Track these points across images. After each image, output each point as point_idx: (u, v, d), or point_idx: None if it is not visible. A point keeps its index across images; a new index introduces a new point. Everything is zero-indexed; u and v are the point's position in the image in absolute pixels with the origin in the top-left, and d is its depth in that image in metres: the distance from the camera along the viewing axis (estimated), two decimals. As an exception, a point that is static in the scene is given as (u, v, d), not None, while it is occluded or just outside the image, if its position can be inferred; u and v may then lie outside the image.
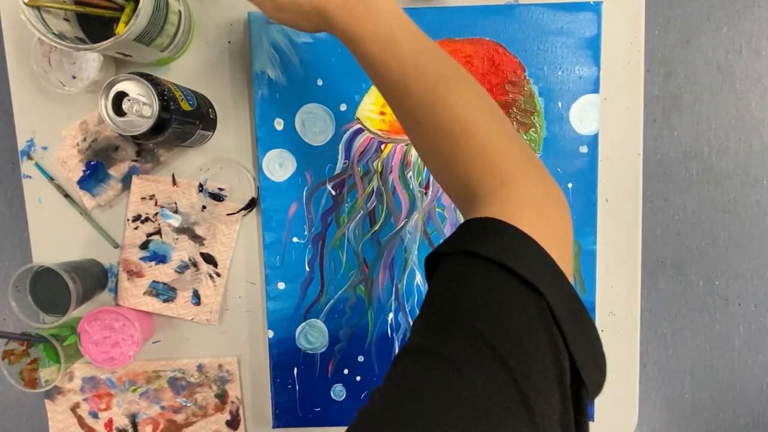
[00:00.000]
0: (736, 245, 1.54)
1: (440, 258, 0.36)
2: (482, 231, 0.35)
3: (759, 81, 1.50)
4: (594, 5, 0.65)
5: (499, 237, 0.34)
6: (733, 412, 1.59)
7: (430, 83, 0.41)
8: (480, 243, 0.34)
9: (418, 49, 0.43)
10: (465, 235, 0.36)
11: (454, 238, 0.37)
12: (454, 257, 0.35)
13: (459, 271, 0.34)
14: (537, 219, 0.35)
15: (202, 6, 0.66)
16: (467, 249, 0.34)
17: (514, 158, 0.39)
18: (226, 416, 0.70)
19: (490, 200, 0.37)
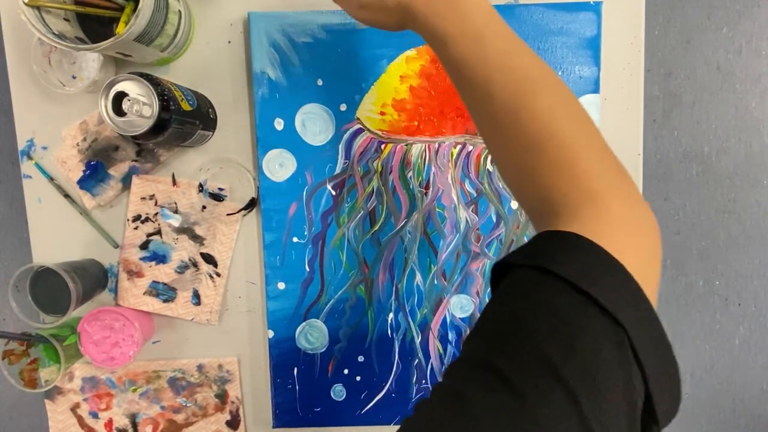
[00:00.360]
0: (736, 245, 1.54)
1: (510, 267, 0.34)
2: (563, 247, 0.32)
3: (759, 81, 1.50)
4: (594, 5, 0.65)
5: (581, 256, 0.31)
6: (733, 412, 1.59)
7: (517, 87, 0.39)
8: (558, 261, 0.31)
9: (506, 50, 0.40)
10: (543, 248, 0.33)
11: (529, 249, 0.34)
12: (528, 272, 0.32)
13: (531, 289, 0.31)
14: (625, 242, 0.32)
15: (202, 6, 0.66)
16: (543, 265, 0.31)
17: (605, 174, 0.36)
18: (226, 416, 0.70)
19: (573, 217, 0.34)
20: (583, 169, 0.36)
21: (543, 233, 0.34)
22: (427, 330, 0.69)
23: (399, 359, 0.69)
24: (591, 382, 0.27)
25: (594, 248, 0.31)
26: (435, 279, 0.68)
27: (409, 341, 0.69)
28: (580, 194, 0.35)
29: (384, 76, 0.66)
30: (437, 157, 0.67)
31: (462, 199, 0.67)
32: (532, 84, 0.39)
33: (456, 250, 0.68)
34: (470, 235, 0.68)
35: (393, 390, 0.69)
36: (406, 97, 0.66)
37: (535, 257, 0.33)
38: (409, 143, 0.67)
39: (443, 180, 0.67)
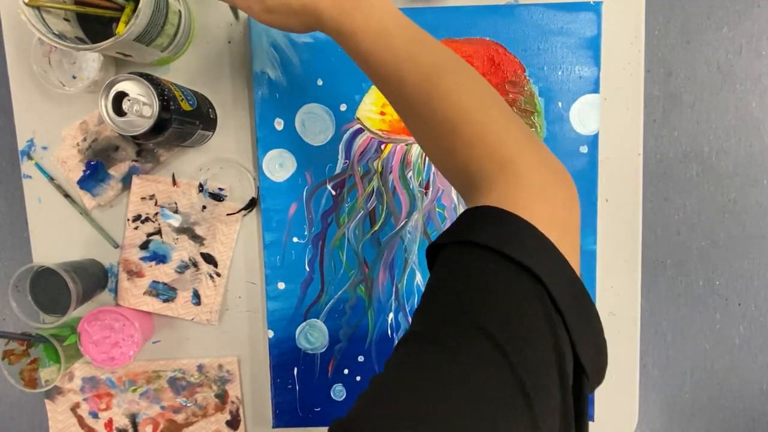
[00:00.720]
0: (736, 245, 1.54)
1: (440, 249, 0.36)
2: (480, 220, 0.35)
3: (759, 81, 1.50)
4: (594, 5, 0.65)
5: (497, 225, 0.34)
6: (733, 412, 1.59)
7: (424, 72, 0.41)
8: (477, 232, 0.34)
9: (410, 39, 0.43)
10: (463, 225, 0.36)
11: (453, 228, 0.36)
12: (453, 247, 0.35)
13: (456, 260, 0.34)
14: (538, 204, 0.35)
15: (202, 6, 0.66)
16: (465, 239, 0.34)
17: (514, 142, 0.38)
18: (226, 416, 0.70)
19: (489, 187, 0.36)
20: (493, 141, 0.38)
21: (463, 213, 0.37)
22: (427, 330, 0.69)
23: (399, 359, 0.69)
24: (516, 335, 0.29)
25: (508, 216, 0.34)
26: (435, 279, 0.68)
27: (409, 341, 0.69)
28: (493, 165, 0.37)
29: (384, 76, 0.66)
30: (437, 157, 0.67)
31: (462, 199, 0.67)
32: (438, 68, 0.41)
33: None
34: (470, 235, 0.68)
35: (393, 390, 0.69)
36: (406, 97, 0.66)
37: (457, 234, 0.35)
38: (409, 143, 0.67)
39: (443, 180, 0.67)
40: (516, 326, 0.30)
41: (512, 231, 0.33)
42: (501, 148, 0.38)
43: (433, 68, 0.41)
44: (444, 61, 0.42)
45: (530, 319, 0.30)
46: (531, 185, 0.36)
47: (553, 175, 0.38)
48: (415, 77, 0.41)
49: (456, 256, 0.34)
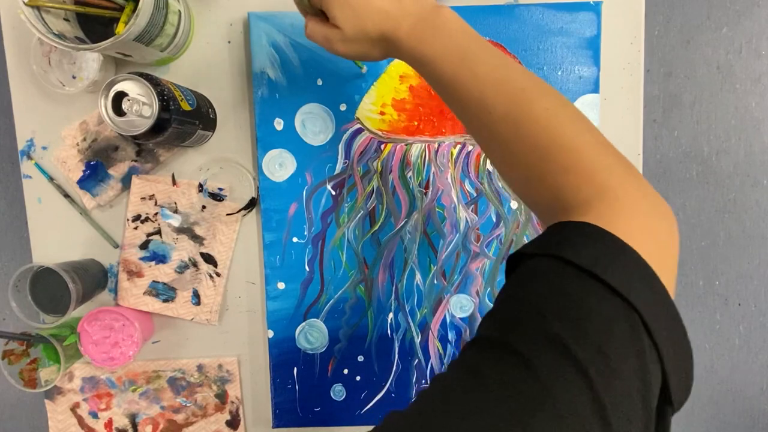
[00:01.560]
0: (736, 245, 1.54)
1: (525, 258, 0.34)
2: (576, 236, 0.32)
3: (759, 81, 1.50)
4: (594, 5, 0.65)
5: (592, 243, 0.31)
6: (733, 412, 1.59)
7: (512, 98, 0.39)
8: (572, 249, 0.31)
9: (494, 65, 0.41)
10: (555, 238, 0.33)
11: (542, 239, 0.34)
12: (542, 260, 0.32)
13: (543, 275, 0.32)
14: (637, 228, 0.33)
15: (202, 6, 0.66)
16: (557, 254, 0.31)
17: (612, 169, 0.36)
18: (226, 416, 0.70)
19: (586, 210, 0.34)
20: (590, 167, 0.36)
21: (555, 224, 0.35)
22: (426, 330, 0.69)
23: (399, 359, 0.69)
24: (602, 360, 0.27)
25: (605, 235, 0.31)
26: (435, 279, 0.68)
27: (409, 341, 0.69)
28: (590, 190, 0.35)
29: (384, 75, 0.66)
30: (437, 157, 0.67)
31: (462, 199, 0.67)
32: (525, 93, 0.39)
33: (456, 249, 0.68)
34: (470, 234, 0.68)
35: (393, 390, 0.69)
36: (405, 96, 0.66)
37: (547, 247, 0.33)
38: (409, 143, 0.67)
39: (443, 180, 0.67)
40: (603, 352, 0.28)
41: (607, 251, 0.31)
42: (599, 174, 0.35)
43: (520, 94, 0.39)
44: (531, 86, 0.40)
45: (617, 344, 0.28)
46: (633, 211, 0.34)
47: (655, 204, 0.36)
48: (502, 103, 0.40)
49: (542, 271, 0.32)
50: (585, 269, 0.30)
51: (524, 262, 0.34)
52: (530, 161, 0.38)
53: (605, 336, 0.28)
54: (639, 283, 0.30)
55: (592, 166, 0.36)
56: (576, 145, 0.37)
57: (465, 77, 0.41)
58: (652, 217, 0.34)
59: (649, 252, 0.31)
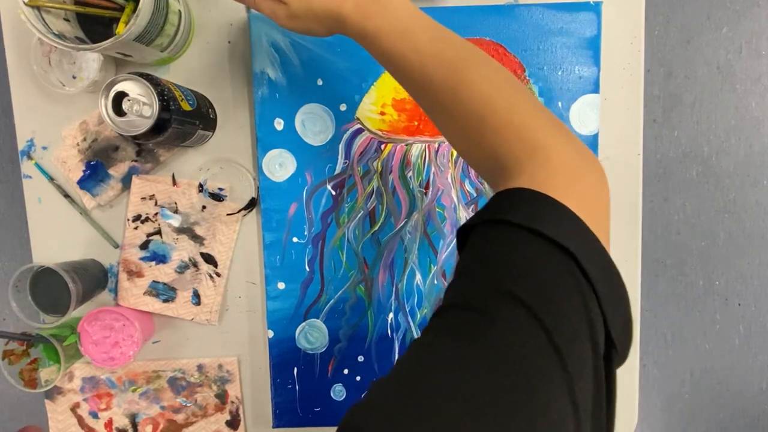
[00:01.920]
0: (736, 245, 1.54)
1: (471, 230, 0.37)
2: (512, 201, 0.35)
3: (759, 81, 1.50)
4: (594, 5, 0.65)
5: (529, 205, 0.34)
6: (733, 412, 1.59)
7: (450, 66, 0.42)
8: (510, 212, 0.34)
9: (433, 36, 0.44)
10: (495, 206, 0.36)
11: (485, 209, 0.37)
12: (485, 227, 0.35)
13: (488, 238, 0.35)
14: (568, 186, 0.35)
15: (202, 6, 0.66)
16: (497, 218, 0.34)
17: (542, 127, 0.39)
18: (226, 416, 0.70)
19: (519, 171, 0.37)
20: (521, 126, 0.39)
21: (495, 195, 0.37)
22: (427, 330, 0.69)
23: (399, 359, 0.69)
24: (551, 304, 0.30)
25: (540, 196, 0.34)
26: (435, 279, 0.68)
27: (409, 341, 0.69)
28: (522, 149, 0.38)
29: (384, 75, 0.66)
30: (437, 157, 0.67)
31: (462, 199, 0.67)
32: (463, 62, 0.42)
33: (456, 250, 0.68)
34: (470, 235, 0.68)
35: (393, 390, 0.69)
36: (406, 96, 0.66)
37: (489, 214, 0.36)
38: (409, 143, 0.67)
39: (443, 180, 0.67)
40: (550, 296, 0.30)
41: (544, 210, 0.34)
42: (529, 133, 0.38)
43: (457, 63, 0.42)
44: (467, 54, 0.43)
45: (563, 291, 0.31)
46: (562, 167, 0.37)
47: (583, 158, 0.38)
48: (440, 72, 0.42)
49: (488, 234, 0.35)
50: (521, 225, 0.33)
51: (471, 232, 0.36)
52: (468, 125, 0.41)
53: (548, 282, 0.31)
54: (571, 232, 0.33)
55: (523, 125, 0.39)
56: (507, 106, 0.40)
57: (406, 50, 0.44)
58: (580, 171, 0.37)
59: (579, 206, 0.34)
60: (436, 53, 0.43)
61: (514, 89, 0.41)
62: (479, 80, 0.41)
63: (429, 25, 0.45)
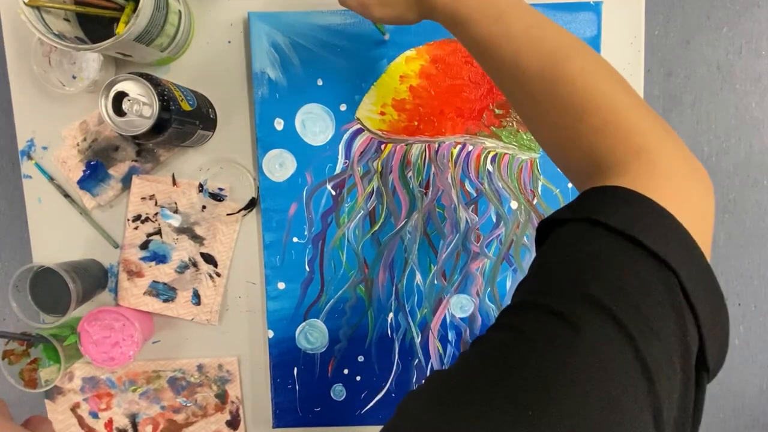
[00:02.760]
0: (736, 245, 1.54)
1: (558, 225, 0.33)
2: (610, 200, 0.32)
3: (759, 81, 1.50)
4: (594, 5, 0.65)
5: (630, 207, 0.31)
6: (733, 412, 1.59)
7: (547, 57, 0.39)
8: (607, 212, 0.31)
9: (529, 24, 0.41)
10: (590, 202, 0.33)
11: (575, 204, 0.34)
12: (574, 225, 0.32)
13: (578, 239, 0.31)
14: (674, 193, 0.32)
15: (202, 6, 0.66)
16: (592, 217, 0.31)
17: (650, 129, 0.35)
18: (226, 416, 0.70)
19: (621, 173, 0.33)
20: (626, 127, 0.35)
21: (588, 190, 0.34)
22: (426, 330, 0.69)
23: (399, 359, 0.69)
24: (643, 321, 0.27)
25: (641, 199, 0.31)
26: (435, 279, 0.68)
27: (409, 341, 0.69)
28: (626, 151, 0.34)
29: (384, 76, 0.66)
30: (437, 157, 0.67)
31: (462, 199, 0.67)
32: (561, 52, 0.39)
33: (456, 250, 0.68)
34: (470, 235, 0.68)
35: (393, 390, 0.69)
36: (405, 97, 0.66)
37: (580, 211, 0.32)
38: (409, 143, 0.67)
39: (443, 180, 0.67)
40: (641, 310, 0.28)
41: (646, 215, 0.31)
42: (636, 135, 0.35)
43: (556, 53, 0.39)
44: (567, 45, 0.40)
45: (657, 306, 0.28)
46: (669, 174, 0.33)
47: (692, 167, 0.35)
48: (536, 63, 0.39)
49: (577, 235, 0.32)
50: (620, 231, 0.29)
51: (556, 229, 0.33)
52: (565, 121, 0.38)
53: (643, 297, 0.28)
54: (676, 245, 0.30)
55: (629, 126, 0.35)
56: (612, 104, 0.36)
57: (499, 36, 0.41)
58: (689, 180, 0.34)
59: (685, 216, 0.31)
60: (532, 42, 0.40)
61: (619, 85, 0.38)
62: (581, 74, 0.38)
63: (524, 11, 0.42)
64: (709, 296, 0.30)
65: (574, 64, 0.38)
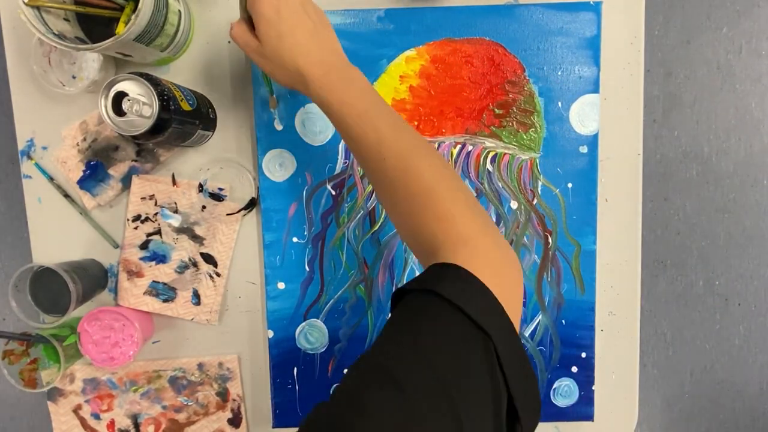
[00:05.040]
0: (736, 245, 1.54)
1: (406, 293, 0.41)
2: (447, 275, 0.40)
3: (759, 81, 1.50)
4: (594, 5, 0.65)
5: (461, 283, 0.39)
6: (733, 412, 1.59)
7: (404, 152, 0.46)
8: (443, 285, 0.38)
9: (391, 122, 0.48)
10: (431, 276, 0.41)
11: (422, 277, 0.41)
12: (419, 294, 0.39)
13: (421, 307, 0.39)
14: (493, 276, 0.40)
15: (202, 6, 0.66)
16: (432, 288, 0.38)
17: (474, 222, 0.44)
18: (227, 414, 0.70)
19: (453, 257, 0.41)
20: (458, 219, 0.44)
21: (433, 265, 0.42)
22: (427, 330, 0.69)
23: (399, 359, 0.69)
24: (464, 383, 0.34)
25: (470, 276, 0.39)
26: (435, 279, 0.68)
27: (409, 341, 0.69)
28: (457, 238, 0.43)
29: (384, 76, 0.66)
30: (437, 157, 0.67)
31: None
32: (415, 149, 0.47)
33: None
34: (470, 235, 0.68)
35: (393, 390, 0.69)
36: (405, 97, 0.66)
37: (424, 283, 0.40)
38: (409, 143, 0.67)
39: (443, 180, 0.67)
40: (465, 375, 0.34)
41: (472, 291, 0.39)
42: (464, 226, 0.44)
43: (411, 149, 0.47)
44: (419, 144, 0.48)
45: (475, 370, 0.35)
46: (488, 260, 0.42)
47: (506, 256, 0.44)
48: (395, 155, 0.46)
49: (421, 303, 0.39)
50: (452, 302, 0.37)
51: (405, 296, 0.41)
52: (412, 209, 0.46)
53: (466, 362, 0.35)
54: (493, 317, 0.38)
55: (461, 218, 0.44)
56: (450, 197, 0.45)
57: (367, 128, 0.48)
58: (502, 266, 0.43)
59: (500, 293, 0.39)
60: (393, 137, 0.47)
61: (457, 184, 0.47)
62: (428, 170, 0.46)
63: (388, 111, 0.49)
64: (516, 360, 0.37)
65: (424, 161, 0.46)
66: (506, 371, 0.36)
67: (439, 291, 0.38)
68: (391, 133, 0.47)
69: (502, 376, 0.36)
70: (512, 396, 0.36)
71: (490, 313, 0.38)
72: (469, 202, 0.46)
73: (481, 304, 0.38)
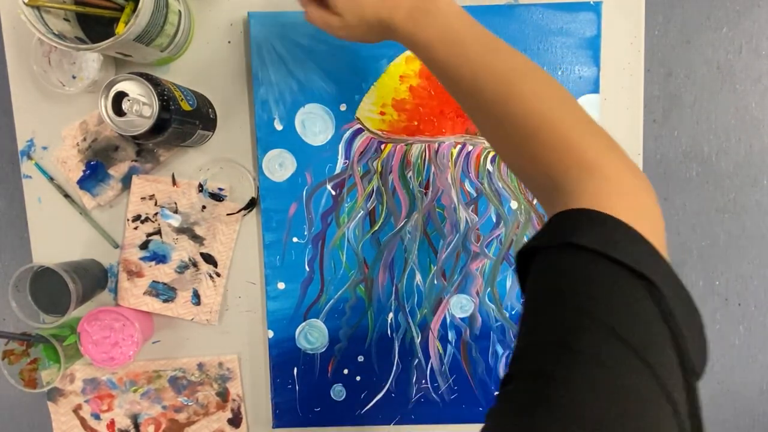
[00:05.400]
0: (736, 245, 1.54)
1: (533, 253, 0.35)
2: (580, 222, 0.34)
3: (759, 81, 1.50)
4: (594, 5, 0.65)
5: (600, 228, 0.33)
6: (733, 412, 1.58)
7: (502, 78, 0.41)
8: (580, 234, 0.32)
9: (486, 48, 0.44)
10: (561, 228, 0.34)
11: (548, 231, 0.35)
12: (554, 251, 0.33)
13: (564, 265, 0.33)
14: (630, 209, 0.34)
15: (202, 6, 0.66)
16: (567, 241, 0.32)
17: (598, 146, 0.38)
18: (227, 414, 0.70)
19: (579, 192, 0.36)
20: (576, 145, 0.38)
21: (555, 215, 0.36)
22: (426, 330, 0.69)
23: (399, 359, 0.69)
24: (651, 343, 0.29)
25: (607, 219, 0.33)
26: (435, 279, 0.68)
27: (409, 341, 0.69)
28: (579, 169, 0.37)
29: (384, 76, 0.66)
30: (437, 157, 0.67)
31: (462, 199, 0.67)
32: (514, 74, 0.42)
33: (456, 250, 0.68)
34: (470, 235, 0.68)
35: (393, 390, 0.69)
36: (405, 97, 0.66)
37: (556, 237, 0.34)
38: (409, 143, 0.67)
39: (443, 180, 0.67)
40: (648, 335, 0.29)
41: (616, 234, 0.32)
42: (586, 152, 0.37)
43: (509, 75, 0.42)
44: (520, 67, 0.42)
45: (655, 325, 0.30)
46: (621, 190, 0.36)
47: (640, 180, 0.37)
48: (493, 84, 0.42)
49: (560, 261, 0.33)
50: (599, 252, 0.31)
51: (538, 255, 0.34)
52: (521, 140, 0.40)
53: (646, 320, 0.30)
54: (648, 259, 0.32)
55: (579, 144, 0.38)
56: (562, 122, 0.39)
57: (457, 60, 0.44)
58: (638, 193, 0.36)
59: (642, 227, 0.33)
60: (487, 64, 0.42)
61: (569, 105, 0.41)
62: (533, 94, 0.40)
63: (481, 35, 0.45)
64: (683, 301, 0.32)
65: (527, 85, 0.41)
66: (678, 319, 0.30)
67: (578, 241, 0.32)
68: (485, 61, 0.42)
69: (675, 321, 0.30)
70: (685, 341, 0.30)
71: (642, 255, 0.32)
72: (586, 122, 0.40)
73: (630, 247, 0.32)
